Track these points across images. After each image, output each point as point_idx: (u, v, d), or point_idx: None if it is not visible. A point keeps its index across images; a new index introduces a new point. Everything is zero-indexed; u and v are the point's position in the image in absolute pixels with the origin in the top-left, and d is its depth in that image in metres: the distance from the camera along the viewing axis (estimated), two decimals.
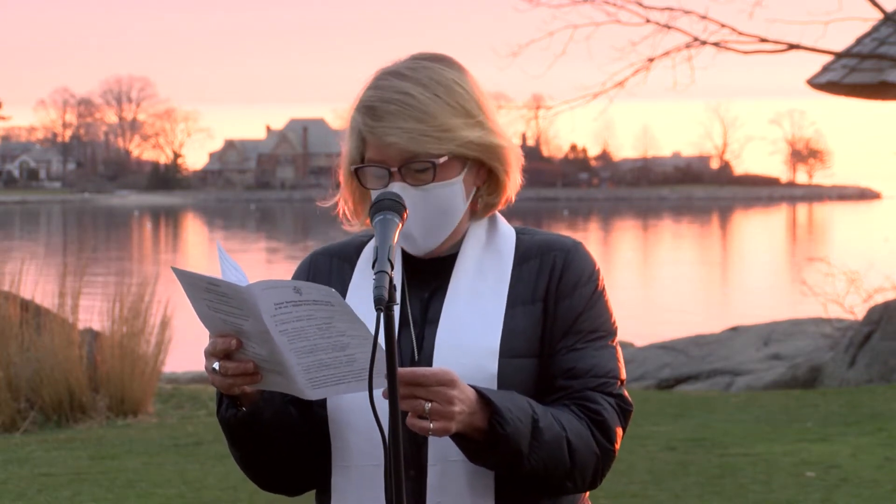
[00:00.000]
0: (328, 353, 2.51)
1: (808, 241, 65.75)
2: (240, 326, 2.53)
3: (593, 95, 17.97)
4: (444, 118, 2.68)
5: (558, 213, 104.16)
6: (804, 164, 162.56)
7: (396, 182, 2.68)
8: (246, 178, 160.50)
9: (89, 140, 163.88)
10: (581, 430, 2.65)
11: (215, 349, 2.57)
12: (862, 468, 9.93)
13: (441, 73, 2.72)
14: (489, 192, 2.78)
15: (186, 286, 2.55)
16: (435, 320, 2.72)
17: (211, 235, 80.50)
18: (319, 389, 2.56)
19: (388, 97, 2.68)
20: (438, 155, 2.68)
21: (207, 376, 2.65)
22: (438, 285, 2.76)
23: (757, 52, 17.18)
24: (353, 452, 2.69)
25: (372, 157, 2.71)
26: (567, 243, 2.79)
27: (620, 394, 2.72)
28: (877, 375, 15.48)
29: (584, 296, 2.74)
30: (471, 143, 2.70)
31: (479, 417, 2.55)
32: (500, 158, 2.75)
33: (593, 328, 2.74)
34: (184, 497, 9.28)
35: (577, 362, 2.70)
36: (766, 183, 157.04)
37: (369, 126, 2.69)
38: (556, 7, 17.78)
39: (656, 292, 37.84)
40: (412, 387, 2.50)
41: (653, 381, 17.66)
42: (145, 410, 12.95)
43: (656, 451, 10.69)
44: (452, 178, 2.71)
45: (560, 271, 2.75)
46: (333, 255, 2.87)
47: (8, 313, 12.70)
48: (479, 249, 2.78)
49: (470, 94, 2.73)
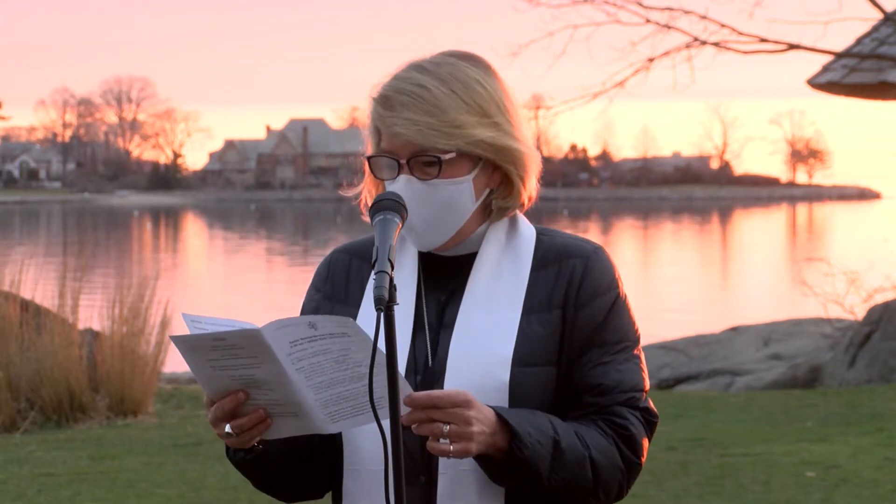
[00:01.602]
0: (346, 386, 2.48)
1: (808, 241, 65.75)
2: (251, 377, 2.47)
3: (593, 95, 17.97)
4: (455, 114, 2.64)
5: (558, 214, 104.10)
6: (804, 164, 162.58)
7: (404, 174, 2.66)
8: (246, 178, 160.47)
9: (89, 140, 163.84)
10: (606, 446, 2.63)
11: (223, 411, 2.53)
12: (862, 468, 9.93)
13: (464, 70, 2.69)
14: (502, 196, 2.74)
15: (187, 352, 2.47)
16: (450, 325, 2.69)
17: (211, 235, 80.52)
18: (338, 423, 2.52)
19: (403, 88, 2.66)
20: (445, 150, 2.64)
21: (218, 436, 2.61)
22: (456, 287, 2.72)
23: (757, 52, 17.19)
24: (362, 455, 2.68)
25: (384, 148, 2.69)
26: (587, 249, 2.75)
27: (646, 406, 2.70)
28: (877, 375, 15.48)
29: (604, 304, 2.71)
30: (482, 142, 2.66)
31: (500, 438, 2.54)
32: (515, 162, 2.71)
33: (617, 339, 2.70)
34: (184, 497, 9.28)
35: (604, 378, 2.67)
36: (766, 183, 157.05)
37: (381, 115, 2.67)
38: (556, 7, 17.78)
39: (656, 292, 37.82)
40: (428, 410, 2.48)
41: (653, 381, 17.66)
42: (145, 410, 12.95)
43: (656, 451, 10.68)
44: (461, 177, 2.68)
45: (580, 279, 2.70)
46: (353, 254, 2.84)
47: (8, 313, 12.69)
48: (497, 251, 2.74)
49: (491, 94, 2.69)
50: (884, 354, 15.61)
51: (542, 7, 17.88)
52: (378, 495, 2.62)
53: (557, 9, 17.77)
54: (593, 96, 17.99)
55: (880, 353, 15.66)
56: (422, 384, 2.64)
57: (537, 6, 17.90)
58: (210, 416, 2.56)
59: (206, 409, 2.57)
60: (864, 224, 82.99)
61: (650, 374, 18.57)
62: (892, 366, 15.45)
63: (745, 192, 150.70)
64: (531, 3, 17.92)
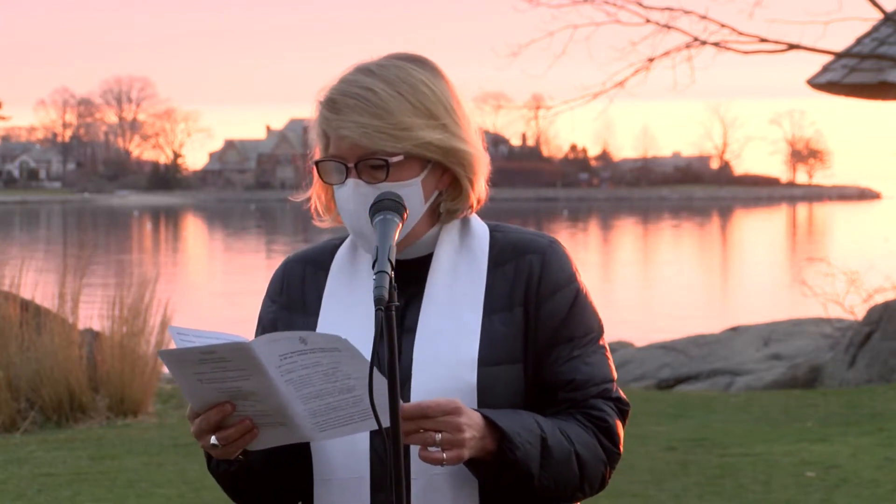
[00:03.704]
0: (335, 397, 2.47)
1: (808, 242, 65.73)
2: (238, 388, 2.47)
3: (593, 95, 17.97)
4: (402, 116, 2.62)
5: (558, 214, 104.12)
6: (804, 164, 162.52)
7: (352, 178, 2.64)
8: (246, 178, 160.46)
9: (89, 140, 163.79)
10: (588, 440, 2.64)
11: (209, 423, 2.52)
12: (862, 468, 9.93)
13: (411, 72, 2.67)
14: (451, 198, 2.72)
15: (174, 365, 2.46)
16: (412, 329, 2.67)
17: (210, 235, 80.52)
18: (326, 432, 2.52)
19: (349, 91, 2.64)
20: (393, 153, 2.63)
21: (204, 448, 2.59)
22: (414, 292, 2.70)
23: (757, 52, 17.19)
24: (333, 466, 2.66)
25: (331, 153, 2.68)
26: (542, 244, 2.73)
27: (618, 396, 2.72)
28: (877, 375, 15.48)
29: (566, 298, 2.70)
30: (429, 144, 2.64)
31: (490, 441, 2.54)
32: (463, 164, 2.69)
33: (583, 332, 2.70)
34: (184, 497, 9.28)
35: (576, 373, 2.67)
36: (766, 183, 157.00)
37: (327, 119, 2.67)
38: (556, 7, 17.80)
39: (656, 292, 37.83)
40: (419, 420, 2.48)
41: (653, 381, 17.65)
42: (145, 410, 12.95)
43: (656, 451, 10.68)
44: (409, 179, 2.66)
45: (539, 275, 2.70)
46: (307, 262, 2.82)
47: (8, 313, 12.69)
48: (452, 252, 2.72)
49: (438, 96, 2.67)
50: (884, 354, 15.61)
51: (542, 7, 17.90)
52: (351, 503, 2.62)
53: (557, 9, 17.79)
54: (593, 96, 18.00)
55: (880, 353, 15.65)
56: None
57: (537, 6, 17.92)
58: (194, 428, 2.54)
59: (190, 421, 2.56)
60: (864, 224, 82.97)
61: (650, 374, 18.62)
62: (892, 366, 15.45)
63: (745, 192, 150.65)
64: (531, 3, 17.94)
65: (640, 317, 28.89)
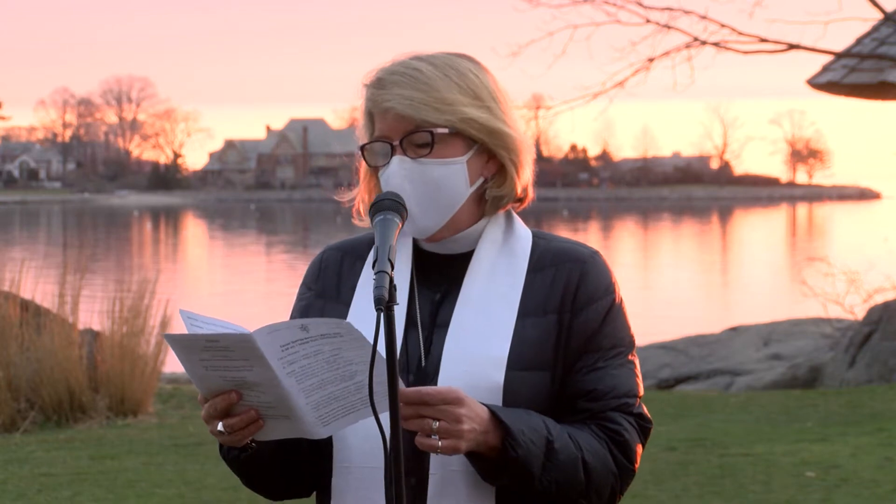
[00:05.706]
0: (337, 385, 2.47)
1: (808, 241, 65.74)
2: (242, 379, 2.48)
3: (593, 95, 17.97)
4: (447, 93, 2.65)
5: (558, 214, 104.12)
6: (804, 164, 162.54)
7: (397, 155, 2.65)
8: (246, 178, 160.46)
9: (89, 140, 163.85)
10: (599, 449, 2.62)
11: (216, 410, 2.54)
12: (862, 468, 9.93)
13: (458, 62, 2.71)
14: (497, 185, 2.72)
15: (180, 350, 2.48)
16: (445, 324, 2.67)
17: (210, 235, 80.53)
18: (330, 425, 2.52)
19: (396, 69, 2.67)
20: (436, 125, 2.64)
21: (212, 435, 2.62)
22: (450, 287, 2.71)
23: (757, 52, 17.19)
24: (353, 453, 2.67)
25: (376, 134, 2.69)
26: (584, 254, 2.73)
27: (640, 412, 2.70)
28: (877, 375, 15.48)
29: (601, 310, 2.69)
30: (473, 121, 2.66)
31: (493, 437, 2.53)
32: (508, 147, 2.70)
33: (612, 344, 2.70)
34: (184, 497, 9.28)
35: (598, 383, 2.66)
36: (766, 183, 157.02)
37: (373, 95, 2.68)
38: (556, 7, 17.79)
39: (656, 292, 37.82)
40: (418, 406, 2.48)
41: (653, 381, 17.65)
42: (145, 410, 12.95)
43: (656, 451, 10.68)
44: (454, 157, 2.67)
45: (576, 284, 2.69)
46: (345, 252, 2.83)
47: (8, 313, 12.69)
48: (494, 251, 2.72)
49: (484, 83, 2.70)
50: (884, 354, 15.61)
51: (542, 7, 17.90)
52: (367, 493, 2.64)
53: (557, 9, 17.79)
54: (593, 96, 18.00)
55: (880, 353, 15.66)
56: (414, 383, 2.63)
57: (537, 6, 17.92)
58: (203, 413, 2.57)
59: (201, 405, 2.58)
60: (864, 224, 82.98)
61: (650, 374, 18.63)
62: (892, 366, 15.45)
63: (745, 192, 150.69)
64: (531, 3, 17.94)
65: (640, 317, 28.89)
